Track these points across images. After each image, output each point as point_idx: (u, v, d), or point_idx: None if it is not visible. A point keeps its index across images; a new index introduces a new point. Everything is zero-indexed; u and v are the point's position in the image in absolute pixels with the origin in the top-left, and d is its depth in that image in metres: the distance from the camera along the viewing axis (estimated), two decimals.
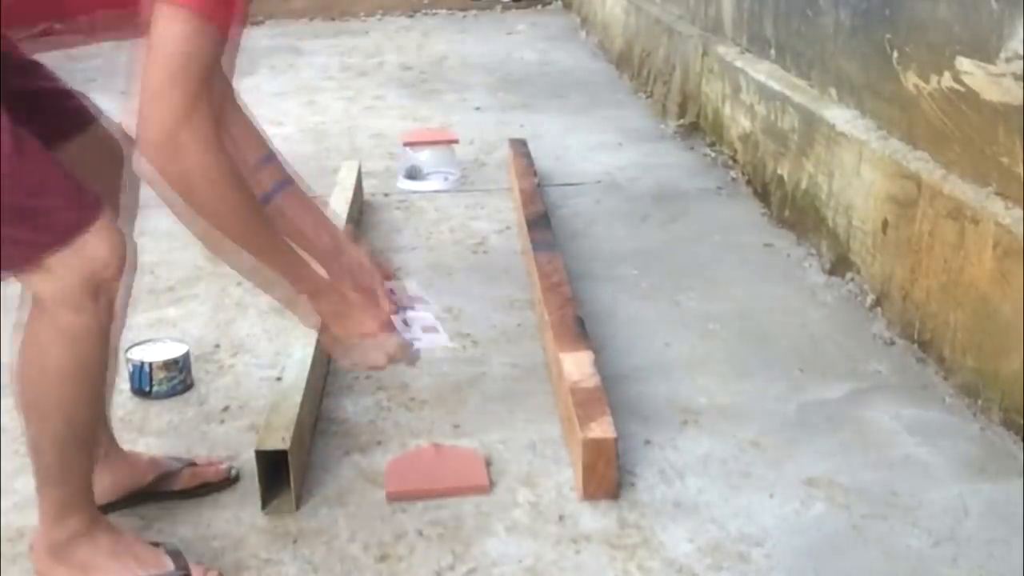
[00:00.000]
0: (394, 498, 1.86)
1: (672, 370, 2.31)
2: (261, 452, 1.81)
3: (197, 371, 2.30)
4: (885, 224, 2.48)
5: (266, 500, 1.83)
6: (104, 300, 1.47)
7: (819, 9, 2.98)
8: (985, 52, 2.11)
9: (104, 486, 1.73)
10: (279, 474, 1.82)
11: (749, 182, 3.44)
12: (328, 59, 5.80)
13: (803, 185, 2.97)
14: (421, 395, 2.21)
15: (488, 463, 1.95)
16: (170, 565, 1.62)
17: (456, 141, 3.78)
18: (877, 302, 2.52)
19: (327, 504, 1.85)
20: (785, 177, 3.11)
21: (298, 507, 1.84)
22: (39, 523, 1.59)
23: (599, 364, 2.08)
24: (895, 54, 2.50)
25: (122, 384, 2.17)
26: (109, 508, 1.74)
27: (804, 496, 1.85)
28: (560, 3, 7.49)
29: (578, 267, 2.82)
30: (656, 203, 3.40)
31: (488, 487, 1.88)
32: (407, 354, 1.68)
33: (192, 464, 1.89)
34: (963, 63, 2.19)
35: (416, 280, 1.85)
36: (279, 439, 1.82)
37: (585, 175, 3.69)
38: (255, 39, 5.84)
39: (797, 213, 3.02)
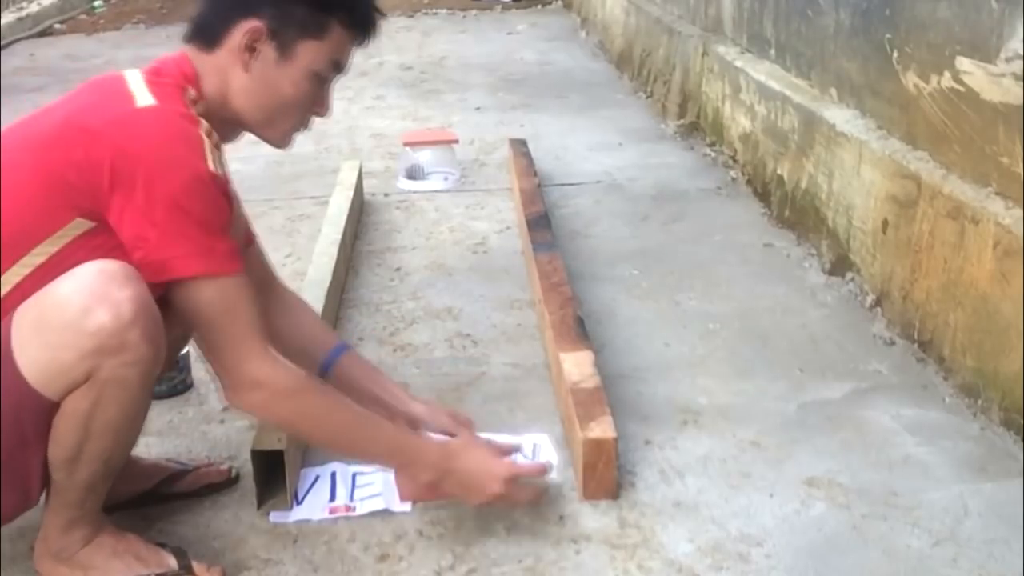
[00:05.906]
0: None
1: (672, 370, 2.31)
2: (257, 452, 1.80)
3: (197, 371, 2.30)
4: (885, 224, 2.48)
5: (262, 500, 1.83)
6: (128, 356, 1.41)
7: (819, 9, 2.98)
8: (985, 52, 2.11)
9: (108, 491, 1.72)
10: (276, 474, 1.81)
11: (749, 182, 3.44)
12: None
13: (803, 185, 2.97)
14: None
15: None
16: (173, 563, 1.62)
17: (456, 141, 3.78)
18: (877, 302, 2.52)
19: None
20: (785, 177, 3.11)
21: None
22: (43, 527, 1.59)
23: (599, 364, 2.08)
24: (895, 54, 2.50)
25: None
26: (111, 509, 1.73)
27: (804, 496, 1.85)
28: (560, 3, 7.49)
29: (578, 267, 2.81)
30: (656, 203, 3.40)
31: None
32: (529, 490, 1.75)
33: (195, 469, 1.89)
34: (963, 63, 2.19)
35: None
36: (275, 439, 1.82)
37: (585, 175, 3.69)
38: None
39: (797, 213, 3.02)
